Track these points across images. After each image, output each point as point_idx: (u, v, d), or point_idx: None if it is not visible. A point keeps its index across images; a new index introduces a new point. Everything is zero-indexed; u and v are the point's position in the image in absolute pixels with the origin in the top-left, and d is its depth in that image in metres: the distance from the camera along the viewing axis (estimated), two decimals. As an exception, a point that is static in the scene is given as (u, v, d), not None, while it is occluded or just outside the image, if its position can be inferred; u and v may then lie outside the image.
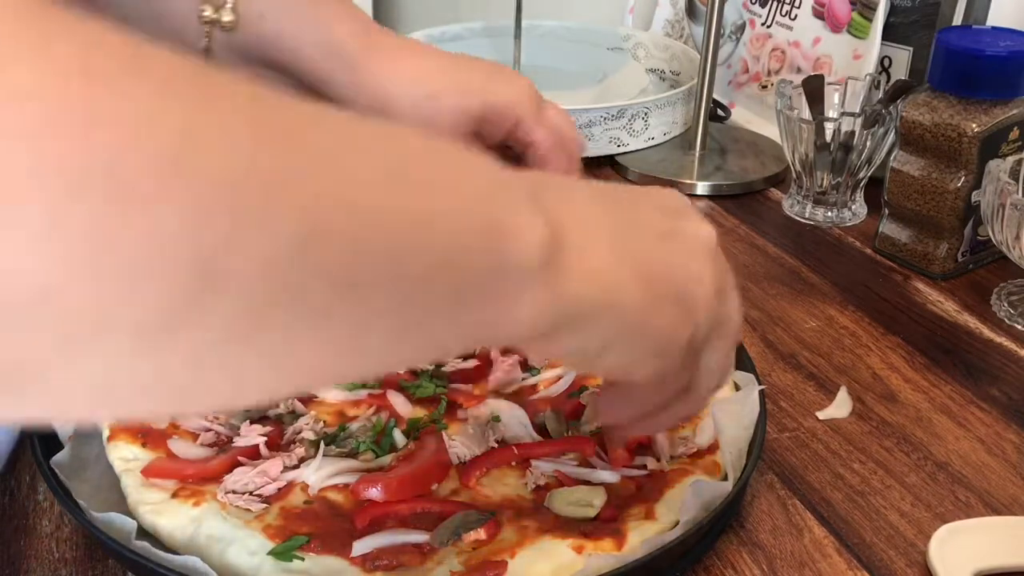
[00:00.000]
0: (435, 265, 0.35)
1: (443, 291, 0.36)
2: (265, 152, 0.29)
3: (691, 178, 1.12)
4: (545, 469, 0.62)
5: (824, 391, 0.77)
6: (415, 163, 0.37)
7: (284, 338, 0.30)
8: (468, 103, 0.70)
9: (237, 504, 0.58)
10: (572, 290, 0.42)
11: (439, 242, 0.35)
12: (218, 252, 0.27)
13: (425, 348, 0.38)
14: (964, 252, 0.94)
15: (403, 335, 0.35)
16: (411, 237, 0.34)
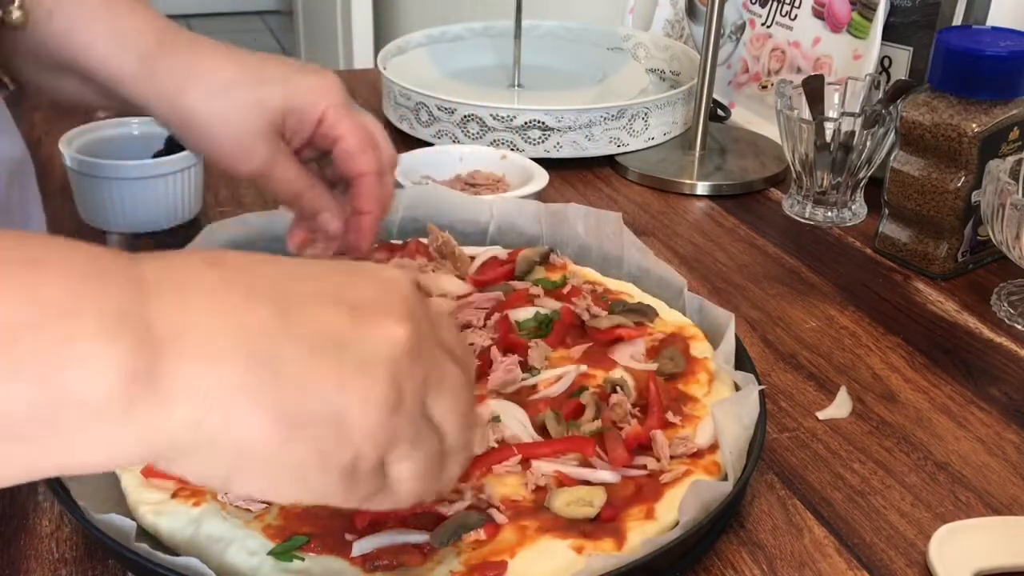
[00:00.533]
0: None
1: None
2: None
3: (691, 178, 1.12)
4: (545, 469, 0.62)
5: (824, 391, 0.77)
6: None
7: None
8: (267, 95, 0.66)
9: (237, 504, 0.58)
10: (168, 425, 0.37)
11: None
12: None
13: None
14: (964, 252, 0.94)
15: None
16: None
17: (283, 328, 0.40)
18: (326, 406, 0.40)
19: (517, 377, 0.70)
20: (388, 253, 0.86)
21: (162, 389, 0.37)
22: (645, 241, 0.88)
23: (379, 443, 0.41)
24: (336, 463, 0.40)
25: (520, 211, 0.90)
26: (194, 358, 0.37)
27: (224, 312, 0.39)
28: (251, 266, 0.42)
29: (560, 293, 0.81)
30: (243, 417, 0.38)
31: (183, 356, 0.37)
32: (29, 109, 1.29)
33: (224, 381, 0.38)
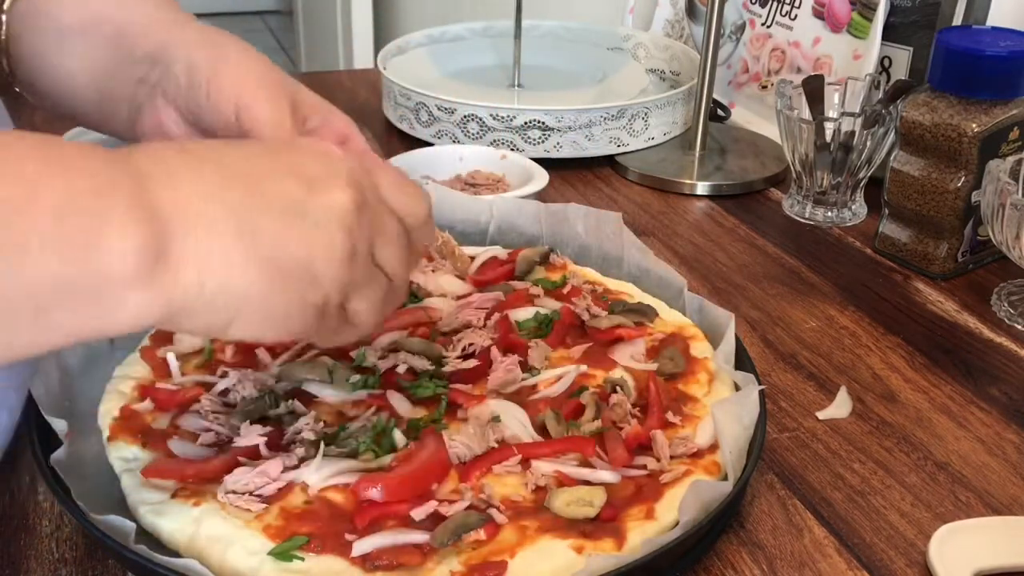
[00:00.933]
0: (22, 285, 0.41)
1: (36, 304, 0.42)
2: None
3: (691, 178, 1.12)
4: (545, 469, 0.62)
5: (824, 391, 0.77)
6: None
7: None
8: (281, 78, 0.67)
9: (237, 504, 0.58)
10: (181, 285, 0.45)
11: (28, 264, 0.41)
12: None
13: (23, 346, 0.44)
14: (964, 252, 0.94)
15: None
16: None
17: (256, 201, 0.49)
18: (299, 259, 0.49)
19: (517, 377, 0.70)
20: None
21: (173, 258, 0.45)
22: (645, 241, 0.88)
23: (341, 285, 0.52)
24: (311, 303, 0.51)
25: (520, 211, 0.90)
26: (194, 232, 0.46)
27: (211, 193, 0.48)
28: (215, 151, 0.51)
29: (560, 293, 0.81)
30: (238, 274, 0.47)
31: (187, 231, 0.45)
32: (30, 109, 1.29)
33: (220, 247, 0.47)
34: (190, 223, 0.46)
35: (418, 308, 0.78)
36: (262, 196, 0.49)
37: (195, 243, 0.46)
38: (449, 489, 0.61)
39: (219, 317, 0.48)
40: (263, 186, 0.49)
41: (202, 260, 0.46)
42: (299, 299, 0.50)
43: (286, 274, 0.49)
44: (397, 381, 0.69)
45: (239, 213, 0.48)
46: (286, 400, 0.67)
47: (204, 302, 0.47)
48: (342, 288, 0.52)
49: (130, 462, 0.62)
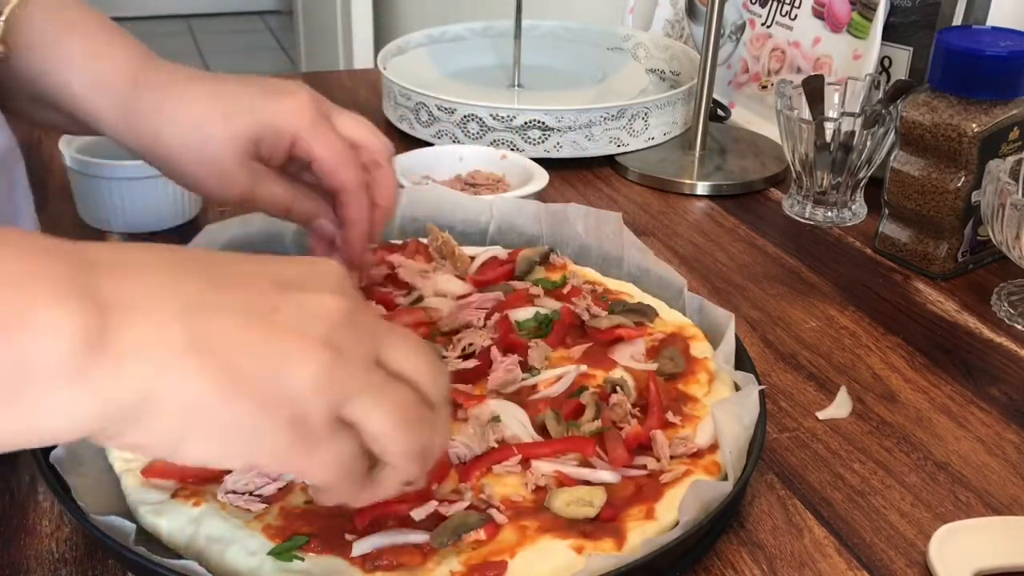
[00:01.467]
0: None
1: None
2: None
3: (691, 178, 1.12)
4: (545, 469, 0.62)
5: (824, 391, 0.77)
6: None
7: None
8: (235, 128, 0.67)
9: (237, 504, 0.58)
10: (121, 385, 0.39)
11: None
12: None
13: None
14: (964, 252, 0.94)
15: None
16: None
17: (218, 296, 0.42)
18: (264, 362, 0.41)
19: (517, 377, 0.70)
20: (388, 253, 0.86)
21: (112, 351, 0.39)
22: (645, 241, 0.88)
23: (322, 397, 0.42)
24: (285, 418, 0.42)
25: (520, 211, 0.90)
26: (141, 322, 0.40)
27: (163, 284, 0.41)
28: (181, 250, 0.46)
29: (560, 293, 0.81)
30: (187, 378, 0.40)
31: (131, 320, 0.39)
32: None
33: (168, 343, 0.40)
34: (135, 311, 0.40)
35: (418, 308, 0.78)
36: (226, 291, 0.42)
37: (141, 334, 0.39)
38: (449, 489, 0.61)
39: (167, 429, 0.41)
40: (229, 282, 0.43)
41: (147, 355, 0.39)
42: (263, 412, 0.42)
43: (245, 379, 0.41)
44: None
45: (195, 306, 0.41)
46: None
47: (148, 410, 0.40)
48: (325, 398, 0.43)
49: (130, 462, 0.62)
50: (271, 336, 0.42)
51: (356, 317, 0.44)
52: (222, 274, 0.44)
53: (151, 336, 0.40)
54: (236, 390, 0.41)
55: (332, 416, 0.43)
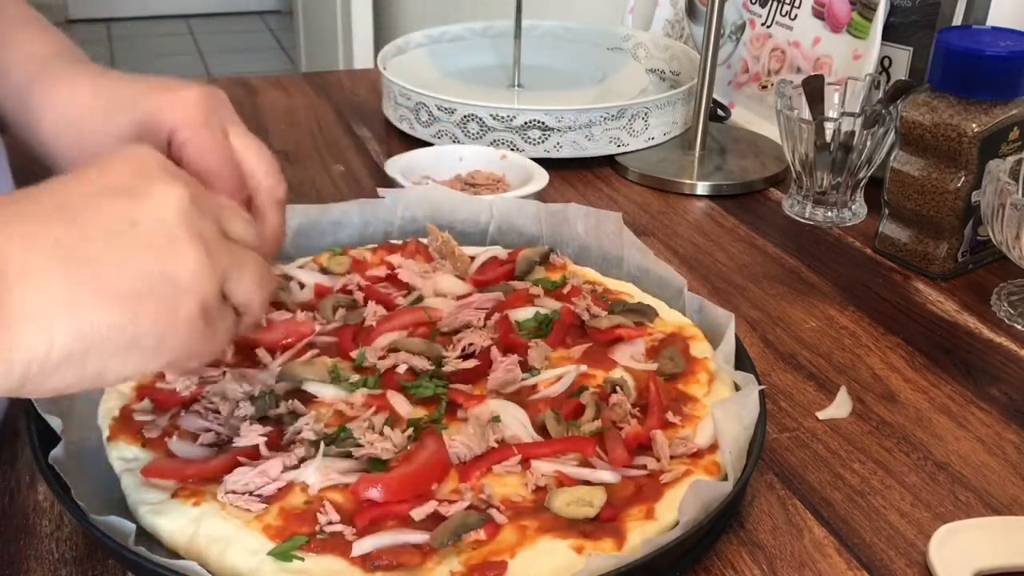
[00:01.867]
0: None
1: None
2: None
3: (691, 178, 1.12)
4: (545, 469, 0.62)
5: (824, 391, 0.77)
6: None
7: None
8: (115, 123, 0.64)
9: (237, 504, 0.58)
10: (23, 348, 0.41)
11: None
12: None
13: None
14: (964, 252, 0.94)
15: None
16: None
17: (79, 231, 0.44)
18: (152, 274, 0.45)
19: (517, 377, 0.70)
20: (388, 253, 0.86)
21: (3, 320, 0.41)
22: (645, 241, 0.89)
23: (211, 282, 0.47)
24: (187, 314, 0.46)
25: (520, 211, 0.90)
26: (20, 287, 0.42)
27: (28, 238, 0.43)
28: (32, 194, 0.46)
29: (560, 293, 0.81)
30: (88, 317, 0.43)
31: (9, 288, 0.41)
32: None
33: (55, 295, 0.42)
34: (14, 276, 0.41)
35: (418, 308, 0.78)
36: (84, 222, 0.44)
37: (24, 297, 0.41)
38: (449, 489, 0.61)
39: (84, 369, 0.44)
40: (82, 211, 0.45)
41: (39, 314, 0.42)
42: (169, 315, 0.46)
43: (143, 295, 0.45)
44: (397, 381, 0.69)
45: (64, 251, 0.43)
46: (286, 400, 0.67)
47: (59, 359, 0.42)
48: (214, 281, 0.48)
49: (130, 462, 0.62)
50: (144, 249, 0.45)
51: (197, 198, 0.48)
52: (69, 204, 0.45)
53: (34, 296, 0.42)
54: (137, 308, 0.44)
55: (219, 296, 0.48)
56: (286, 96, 1.39)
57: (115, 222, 0.45)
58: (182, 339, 0.47)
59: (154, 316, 0.45)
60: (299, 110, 1.34)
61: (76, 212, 0.45)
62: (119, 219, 0.45)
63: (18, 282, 0.41)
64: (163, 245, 0.45)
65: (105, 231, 0.45)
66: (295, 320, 0.75)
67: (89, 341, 0.43)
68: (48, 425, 0.61)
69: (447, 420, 0.66)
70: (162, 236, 0.46)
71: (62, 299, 0.42)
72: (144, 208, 0.46)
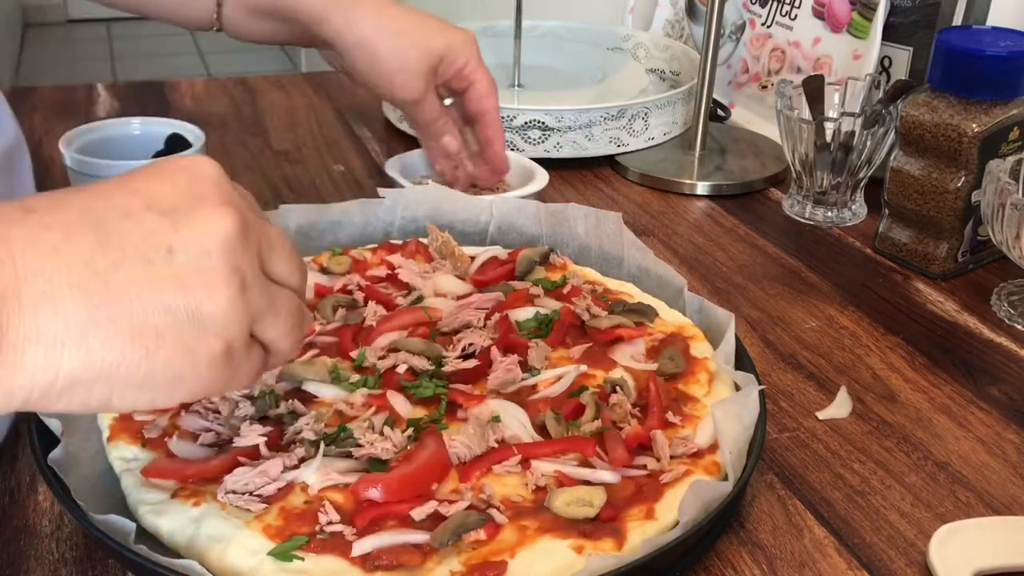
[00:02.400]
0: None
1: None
2: None
3: (691, 178, 1.12)
4: (545, 469, 0.62)
5: (824, 391, 0.77)
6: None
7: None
8: (432, 44, 0.92)
9: (237, 504, 0.58)
10: (26, 373, 0.39)
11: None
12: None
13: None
14: (964, 252, 0.94)
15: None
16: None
17: (110, 253, 0.41)
18: (178, 310, 0.42)
19: (517, 377, 0.70)
20: (388, 252, 0.86)
21: (8, 344, 0.38)
22: (645, 241, 0.89)
23: (241, 323, 0.44)
24: (208, 354, 0.43)
25: (520, 211, 0.90)
26: (34, 308, 0.39)
27: (51, 254, 0.40)
28: (60, 200, 0.43)
29: (560, 293, 0.81)
30: (100, 348, 0.40)
31: (22, 309, 0.39)
32: (29, 110, 1.29)
33: (70, 321, 0.40)
34: (27, 297, 0.39)
35: (418, 308, 0.78)
36: (116, 245, 0.41)
37: (37, 321, 0.39)
38: (449, 489, 0.61)
39: (90, 397, 0.41)
40: (116, 232, 0.42)
41: (49, 341, 0.39)
42: (187, 355, 0.43)
43: (162, 332, 0.42)
44: (397, 381, 0.69)
45: (89, 272, 0.40)
46: (286, 400, 0.67)
47: (63, 387, 0.40)
48: (242, 326, 0.44)
49: (130, 462, 0.62)
50: (174, 283, 0.42)
51: (246, 230, 0.45)
52: (105, 218, 0.42)
53: (48, 320, 0.39)
54: (154, 344, 0.42)
55: (247, 338, 0.45)
56: (286, 96, 1.39)
57: (151, 248, 0.42)
58: (200, 379, 0.44)
59: (171, 355, 0.42)
60: (299, 110, 1.34)
61: (111, 229, 0.42)
62: (156, 244, 0.42)
63: (32, 305, 0.39)
64: (196, 279, 0.42)
65: (138, 257, 0.42)
66: (295, 320, 0.75)
67: (97, 373, 0.41)
68: (48, 424, 0.61)
69: (447, 420, 0.66)
70: (197, 269, 0.42)
71: (76, 328, 0.40)
72: (185, 235, 0.43)
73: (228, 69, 4.26)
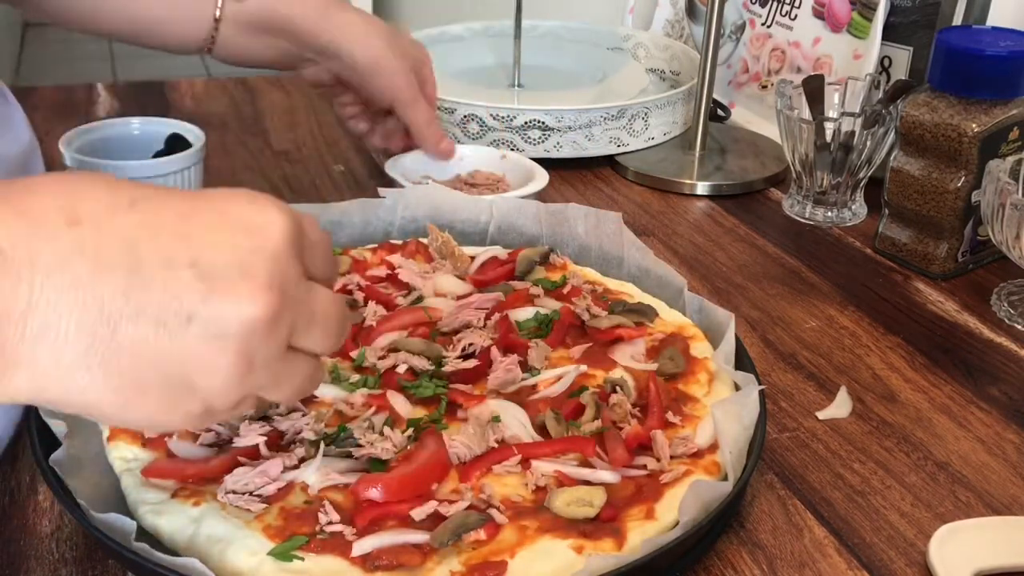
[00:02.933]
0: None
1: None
2: None
3: (691, 178, 1.12)
4: (545, 469, 0.62)
5: (824, 391, 0.77)
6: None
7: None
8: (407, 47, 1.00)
9: (237, 504, 0.58)
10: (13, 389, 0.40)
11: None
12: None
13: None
14: (964, 252, 0.94)
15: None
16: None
17: (130, 302, 0.40)
18: (169, 376, 0.41)
19: (517, 377, 0.70)
20: (388, 253, 0.86)
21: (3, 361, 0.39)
22: (645, 241, 0.88)
23: (231, 399, 0.43)
24: (185, 413, 0.43)
25: (520, 211, 0.90)
26: (34, 338, 0.39)
27: (72, 288, 0.39)
28: (108, 219, 0.41)
29: (560, 293, 0.81)
30: (80, 392, 0.41)
31: (23, 338, 0.39)
32: (29, 110, 1.29)
33: (62, 361, 0.40)
34: (33, 326, 0.39)
35: (418, 308, 0.78)
36: (142, 294, 0.40)
37: (32, 350, 0.39)
38: (449, 489, 0.61)
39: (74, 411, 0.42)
40: (150, 276, 0.40)
41: (38, 371, 0.40)
42: (167, 408, 0.43)
43: (146, 390, 0.41)
44: (397, 381, 0.69)
45: (102, 317, 0.40)
46: (286, 400, 0.67)
47: (45, 402, 0.42)
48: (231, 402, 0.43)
49: (130, 462, 0.62)
50: (177, 357, 0.41)
51: (276, 319, 0.42)
52: (141, 259, 0.40)
53: (44, 354, 0.39)
54: (134, 399, 0.41)
55: (235, 406, 0.44)
56: (286, 96, 1.39)
57: (171, 311, 0.41)
58: (173, 425, 0.44)
59: (152, 407, 0.42)
60: (299, 110, 1.34)
61: (144, 274, 0.40)
62: (178, 309, 0.41)
63: (33, 334, 0.39)
64: (200, 357, 0.41)
65: (155, 316, 0.40)
66: (295, 320, 0.75)
67: (76, 405, 0.42)
68: (47, 424, 0.61)
69: (447, 420, 0.66)
70: (207, 348, 0.41)
71: (66, 368, 0.40)
72: (210, 310, 0.41)
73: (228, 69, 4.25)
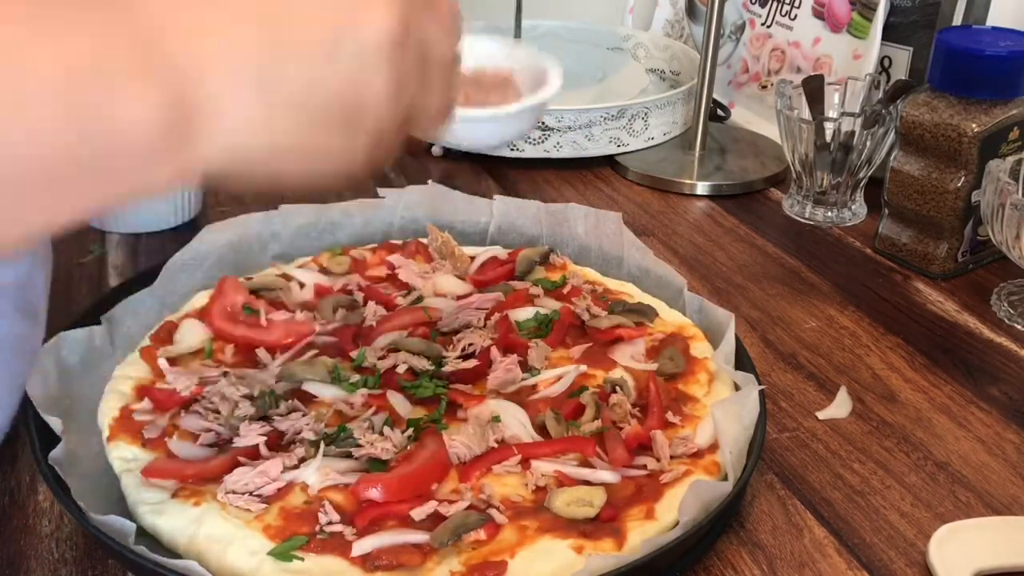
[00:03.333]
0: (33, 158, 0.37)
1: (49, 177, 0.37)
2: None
3: (691, 178, 1.12)
4: (545, 469, 0.62)
5: (824, 391, 0.77)
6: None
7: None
8: None
9: (237, 504, 0.58)
10: (210, 152, 0.41)
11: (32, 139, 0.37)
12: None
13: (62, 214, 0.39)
14: (964, 252, 0.94)
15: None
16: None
17: (282, 42, 0.43)
18: (341, 101, 0.44)
19: (517, 377, 0.70)
20: (388, 253, 0.86)
21: (193, 119, 0.40)
22: (645, 241, 0.88)
23: (396, 111, 0.47)
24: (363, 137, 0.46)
25: (520, 211, 0.90)
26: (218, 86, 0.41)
27: (229, 41, 0.42)
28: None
29: (560, 293, 0.81)
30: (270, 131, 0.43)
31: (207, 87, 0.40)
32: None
33: (246, 108, 0.42)
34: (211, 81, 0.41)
35: (418, 308, 0.78)
36: (288, 35, 0.43)
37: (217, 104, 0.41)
38: (449, 489, 0.61)
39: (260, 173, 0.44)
40: (288, 21, 0.43)
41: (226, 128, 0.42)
42: (345, 139, 0.46)
43: (328, 120, 0.45)
44: (397, 381, 0.69)
45: (265, 61, 0.42)
46: (286, 400, 0.67)
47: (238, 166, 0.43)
48: (397, 113, 0.47)
49: (130, 462, 0.62)
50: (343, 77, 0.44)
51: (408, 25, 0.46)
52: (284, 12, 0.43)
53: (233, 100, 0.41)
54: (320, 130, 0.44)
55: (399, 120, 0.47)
56: (286, 96, 1.39)
57: (319, 43, 0.44)
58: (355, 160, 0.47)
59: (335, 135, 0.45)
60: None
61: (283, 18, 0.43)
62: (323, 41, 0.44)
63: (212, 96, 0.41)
64: (360, 78, 0.45)
65: (308, 50, 0.43)
66: (295, 320, 0.75)
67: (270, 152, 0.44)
68: (48, 424, 0.61)
69: (447, 420, 0.66)
70: (362, 68, 0.45)
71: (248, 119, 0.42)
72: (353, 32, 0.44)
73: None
